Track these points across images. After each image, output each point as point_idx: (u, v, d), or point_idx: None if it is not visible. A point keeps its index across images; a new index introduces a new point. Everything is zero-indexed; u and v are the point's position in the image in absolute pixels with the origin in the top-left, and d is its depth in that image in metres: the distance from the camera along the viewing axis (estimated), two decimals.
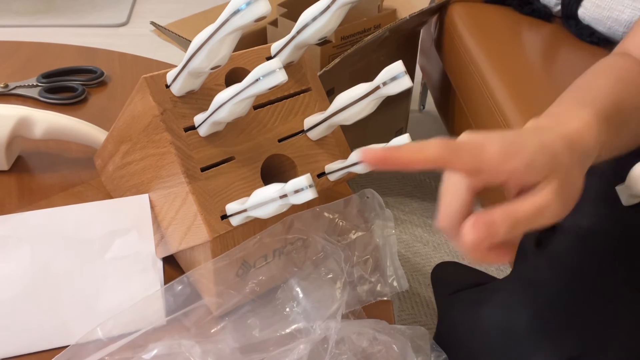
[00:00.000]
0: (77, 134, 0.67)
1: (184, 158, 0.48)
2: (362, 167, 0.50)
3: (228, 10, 0.40)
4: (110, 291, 0.55)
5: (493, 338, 0.52)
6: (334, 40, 1.14)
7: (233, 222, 0.48)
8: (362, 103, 0.47)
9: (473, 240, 0.34)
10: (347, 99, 0.48)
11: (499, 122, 0.93)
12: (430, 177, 1.50)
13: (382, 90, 0.44)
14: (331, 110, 0.50)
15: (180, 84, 0.48)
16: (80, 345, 0.49)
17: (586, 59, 1.05)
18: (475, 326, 0.55)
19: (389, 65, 0.43)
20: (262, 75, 0.41)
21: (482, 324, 0.54)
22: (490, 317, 0.53)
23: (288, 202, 0.42)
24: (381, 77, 0.44)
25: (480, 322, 0.54)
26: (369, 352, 0.51)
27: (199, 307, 0.52)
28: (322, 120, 0.52)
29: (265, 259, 0.54)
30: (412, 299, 1.16)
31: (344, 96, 0.48)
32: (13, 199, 0.65)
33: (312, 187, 0.41)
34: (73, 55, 0.96)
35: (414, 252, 1.28)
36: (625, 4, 1.01)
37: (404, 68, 0.43)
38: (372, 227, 0.59)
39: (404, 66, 0.43)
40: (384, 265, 0.59)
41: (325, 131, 0.54)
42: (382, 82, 0.44)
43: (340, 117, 0.49)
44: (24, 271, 0.54)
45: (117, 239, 0.56)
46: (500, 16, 1.19)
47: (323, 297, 0.54)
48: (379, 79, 0.44)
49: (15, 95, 0.84)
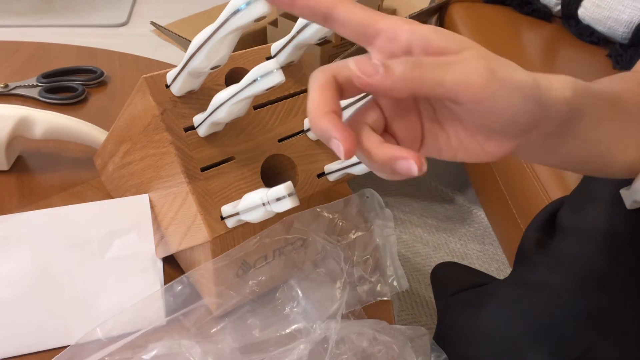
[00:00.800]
0: (77, 134, 0.67)
1: (184, 158, 0.48)
2: (360, 168, 0.50)
3: (227, 10, 0.40)
4: (110, 291, 0.55)
5: (493, 339, 0.52)
6: (334, 40, 1.14)
7: (228, 224, 0.48)
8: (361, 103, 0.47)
9: (357, 76, 0.28)
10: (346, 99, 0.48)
11: None
12: (430, 177, 1.50)
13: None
14: None
15: (180, 84, 0.48)
16: (80, 345, 0.49)
17: (586, 59, 1.05)
18: (475, 327, 0.55)
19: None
20: (259, 76, 0.41)
21: (482, 325, 0.54)
22: (490, 319, 0.53)
23: (270, 209, 0.42)
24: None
25: (481, 324, 0.54)
26: (369, 352, 0.51)
27: (199, 307, 0.52)
28: None
29: (265, 259, 0.54)
30: (412, 299, 1.16)
31: None
32: (13, 199, 0.65)
33: (292, 196, 0.40)
34: (73, 55, 0.96)
35: (414, 252, 1.28)
36: (625, 4, 1.01)
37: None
38: (372, 227, 0.59)
39: None
40: (384, 265, 0.59)
41: None
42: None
43: None
44: (24, 271, 0.54)
45: (117, 239, 0.56)
46: (500, 16, 1.19)
47: (323, 297, 0.54)
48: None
49: (15, 95, 0.84)
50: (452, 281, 0.73)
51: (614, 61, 1.01)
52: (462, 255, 1.27)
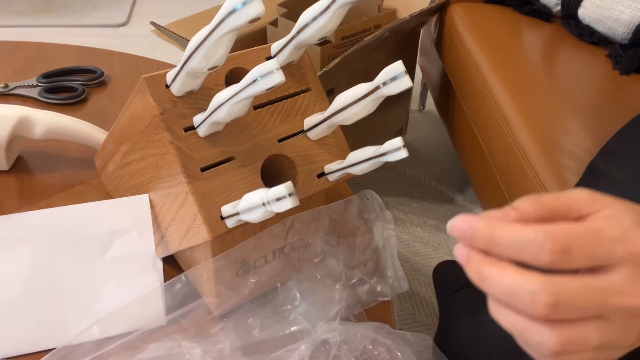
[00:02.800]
0: (77, 134, 0.67)
1: (184, 158, 0.48)
2: (360, 168, 0.50)
3: (223, 11, 0.40)
4: (110, 291, 0.55)
5: (497, 340, 0.51)
6: (334, 40, 1.14)
7: (228, 224, 0.48)
8: (361, 103, 0.47)
9: (451, 231, 0.30)
10: (347, 99, 0.48)
11: (498, 122, 0.93)
12: (430, 177, 1.50)
13: (382, 90, 0.44)
14: (331, 110, 0.50)
15: (180, 84, 0.48)
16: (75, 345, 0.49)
17: (586, 59, 1.05)
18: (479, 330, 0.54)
19: (389, 65, 0.43)
20: (259, 76, 0.41)
21: (486, 327, 0.53)
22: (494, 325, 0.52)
23: (270, 209, 0.42)
24: (381, 77, 0.44)
25: (485, 325, 0.54)
26: (370, 355, 0.51)
27: (199, 307, 0.52)
28: (322, 120, 0.52)
29: (266, 259, 0.54)
30: (412, 299, 1.16)
31: (344, 96, 0.48)
32: (13, 199, 0.65)
33: (292, 196, 0.41)
34: (73, 55, 0.96)
35: (414, 252, 1.27)
36: (625, 4, 1.01)
37: (404, 68, 0.43)
38: (372, 229, 0.59)
39: (404, 66, 0.43)
40: (384, 266, 0.59)
41: (326, 131, 0.54)
42: (382, 82, 0.44)
43: (340, 117, 0.49)
44: (24, 271, 0.54)
45: (117, 239, 0.56)
46: (500, 16, 1.19)
47: (323, 298, 0.54)
48: (379, 79, 0.44)
49: (15, 95, 0.84)
50: (454, 278, 0.73)
51: (614, 61, 1.00)
52: None
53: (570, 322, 0.29)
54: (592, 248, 0.29)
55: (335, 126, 0.53)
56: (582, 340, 0.29)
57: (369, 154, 0.48)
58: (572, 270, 0.29)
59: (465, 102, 1.12)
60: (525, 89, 0.96)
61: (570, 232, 0.29)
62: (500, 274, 0.29)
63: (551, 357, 0.29)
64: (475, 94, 1.04)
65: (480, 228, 0.30)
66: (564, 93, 0.94)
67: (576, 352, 0.29)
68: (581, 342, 0.29)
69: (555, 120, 0.88)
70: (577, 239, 0.29)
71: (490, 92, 0.98)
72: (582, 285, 0.29)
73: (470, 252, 0.31)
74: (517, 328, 0.30)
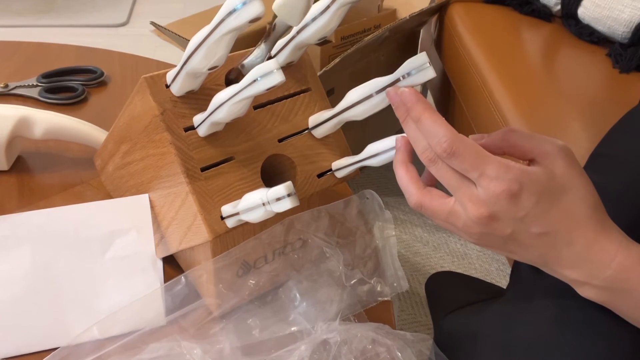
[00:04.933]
0: (77, 134, 0.67)
1: (184, 158, 0.48)
2: (377, 160, 0.49)
3: (223, 11, 0.40)
4: (111, 291, 0.55)
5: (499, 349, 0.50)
6: (334, 40, 1.14)
7: (228, 224, 0.48)
8: (378, 97, 0.45)
9: None
10: (360, 94, 0.47)
11: (498, 122, 0.93)
12: None
13: (407, 80, 0.43)
14: (343, 106, 0.49)
15: (180, 84, 0.48)
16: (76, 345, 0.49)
17: (586, 58, 1.05)
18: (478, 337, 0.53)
19: (412, 57, 0.42)
20: (259, 76, 0.41)
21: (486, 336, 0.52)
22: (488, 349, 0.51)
23: (270, 209, 0.42)
24: (404, 69, 0.43)
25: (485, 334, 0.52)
26: (370, 355, 0.51)
27: (199, 308, 0.52)
28: (331, 116, 0.51)
29: (266, 259, 0.54)
30: (412, 299, 1.16)
31: (357, 91, 0.47)
32: (13, 199, 0.65)
33: (292, 196, 0.41)
34: (73, 55, 0.96)
35: (414, 252, 1.27)
36: (625, 3, 1.01)
37: (428, 59, 0.42)
38: (372, 229, 0.59)
39: None
40: (384, 266, 0.59)
41: (333, 128, 0.53)
42: (405, 73, 0.43)
43: (352, 112, 0.48)
44: (24, 271, 0.54)
45: (117, 239, 0.56)
46: (500, 16, 1.19)
47: (323, 298, 0.54)
48: (401, 71, 0.43)
49: (15, 95, 0.84)
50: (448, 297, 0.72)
51: (613, 60, 1.00)
52: (462, 255, 1.27)
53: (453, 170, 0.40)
54: (468, 166, 0.38)
55: (342, 123, 0.52)
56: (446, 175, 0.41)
57: (390, 143, 0.48)
58: None
59: (465, 101, 1.12)
60: (525, 88, 0.96)
61: (467, 149, 0.39)
62: (431, 116, 0.40)
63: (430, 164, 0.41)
64: (475, 93, 1.04)
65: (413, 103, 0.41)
66: (564, 93, 0.94)
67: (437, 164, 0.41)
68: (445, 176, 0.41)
69: (555, 120, 0.88)
70: (467, 155, 0.38)
71: (490, 92, 0.98)
72: (473, 151, 0.39)
73: (403, 89, 0.42)
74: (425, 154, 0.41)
